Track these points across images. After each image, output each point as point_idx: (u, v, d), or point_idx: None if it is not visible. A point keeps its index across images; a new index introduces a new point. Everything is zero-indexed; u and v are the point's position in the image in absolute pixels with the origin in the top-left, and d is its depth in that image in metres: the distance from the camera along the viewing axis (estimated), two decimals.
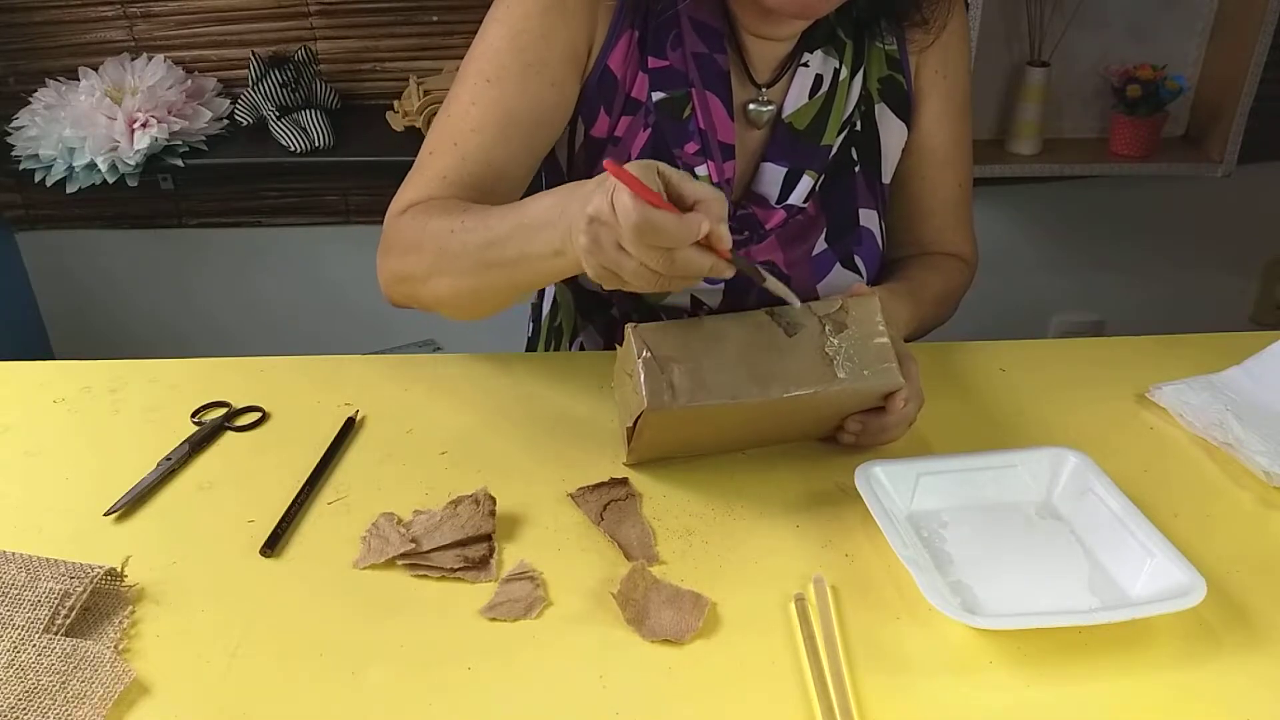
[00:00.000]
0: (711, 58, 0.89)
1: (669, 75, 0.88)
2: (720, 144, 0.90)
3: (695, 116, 0.89)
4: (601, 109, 0.90)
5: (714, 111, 0.89)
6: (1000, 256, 2.05)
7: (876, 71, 0.95)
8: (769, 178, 0.92)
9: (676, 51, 0.88)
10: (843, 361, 0.73)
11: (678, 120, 0.89)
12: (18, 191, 1.95)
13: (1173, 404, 0.84)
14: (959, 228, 1.04)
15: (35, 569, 0.66)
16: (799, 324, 0.74)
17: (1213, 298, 2.14)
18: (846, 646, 0.62)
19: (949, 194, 1.02)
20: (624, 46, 0.88)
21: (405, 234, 0.85)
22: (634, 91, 0.90)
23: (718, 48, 0.89)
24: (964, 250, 1.04)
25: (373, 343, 1.97)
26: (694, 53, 0.88)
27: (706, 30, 0.88)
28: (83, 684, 0.59)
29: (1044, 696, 0.59)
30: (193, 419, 0.86)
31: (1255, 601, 0.65)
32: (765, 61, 0.92)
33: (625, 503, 0.74)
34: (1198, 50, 1.82)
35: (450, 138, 0.87)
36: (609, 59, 0.88)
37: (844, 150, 0.94)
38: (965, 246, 1.04)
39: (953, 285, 1.02)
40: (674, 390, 0.70)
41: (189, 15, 1.79)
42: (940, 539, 0.70)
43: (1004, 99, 1.85)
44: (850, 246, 0.96)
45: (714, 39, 0.89)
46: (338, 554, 0.71)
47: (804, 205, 0.93)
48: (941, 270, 1.01)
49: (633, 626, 0.64)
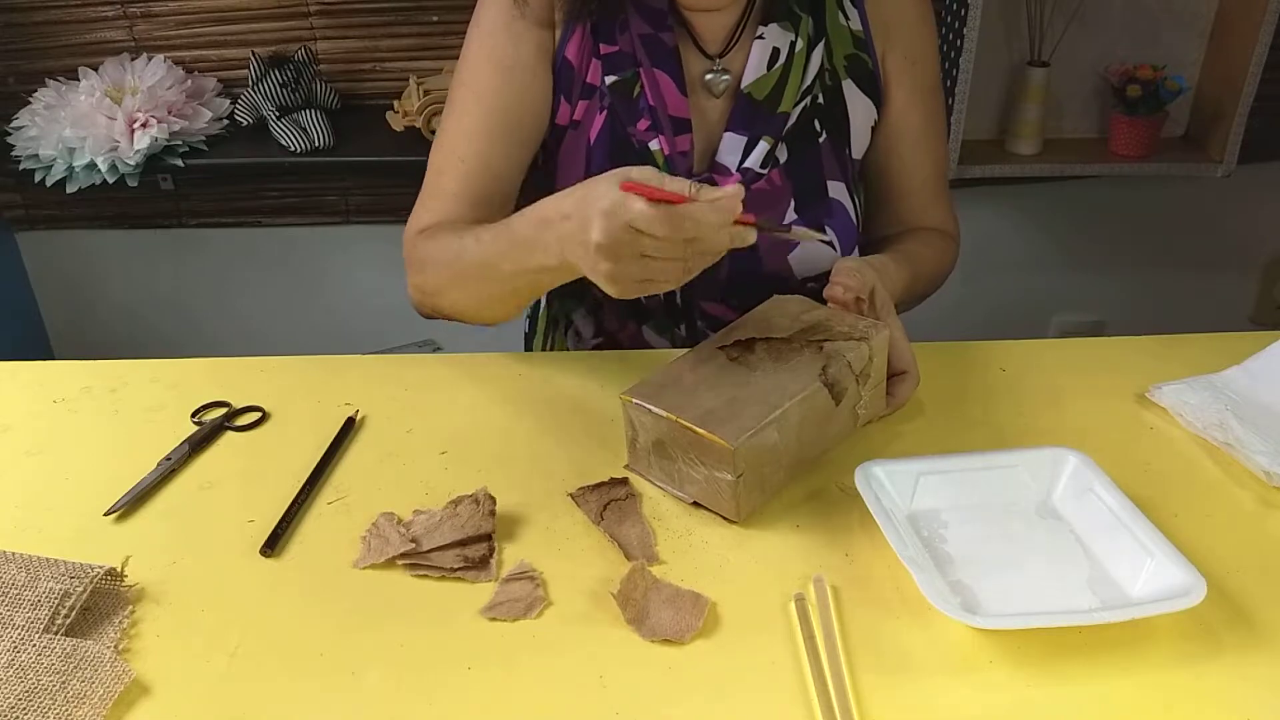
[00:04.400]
0: (658, 37, 0.94)
1: (619, 59, 0.94)
2: (671, 118, 0.94)
3: (645, 94, 0.94)
4: (562, 97, 0.96)
5: (663, 87, 0.94)
6: (1000, 256, 2.05)
7: (841, 48, 0.98)
8: (730, 147, 0.96)
9: (625, 35, 0.94)
10: (861, 410, 0.80)
11: (629, 100, 0.94)
12: (18, 191, 1.95)
13: (1173, 404, 0.84)
14: (939, 204, 1.07)
15: (35, 569, 0.66)
16: (844, 387, 0.77)
17: (1213, 298, 2.14)
18: (846, 646, 0.62)
19: (926, 173, 1.05)
20: (578, 37, 0.95)
21: (421, 253, 0.93)
22: (589, 78, 0.96)
23: (663, 26, 0.94)
24: (947, 225, 1.07)
25: (373, 343, 1.97)
26: (640, 34, 0.94)
27: (650, 11, 0.94)
28: (83, 684, 0.59)
29: (1044, 696, 0.59)
30: (193, 419, 0.86)
31: (1255, 601, 0.65)
32: (714, 32, 0.96)
33: (625, 502, 0.74)
34: (1198, 50, 1.82)
35: (453, 154, 0.95)
36: (566, 50, 0.95)
37: (805, 121, 0.97)
38: (948, 222, 1.07)
39: (942, 259, 1.05)
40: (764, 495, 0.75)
41: (189, 15, 1.79)
42: (940, 539, 0.70)
43: (1004, 99, 1.85)
44: (821, 218, 0.98)
45: (658, 18, 0.94)
46: (338, 554, 0.71)
47: (762, 171, 0.96)
48: (932, 244, 1.04)
49: (633, 626, 0.64)
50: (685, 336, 1.02)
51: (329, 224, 1.99)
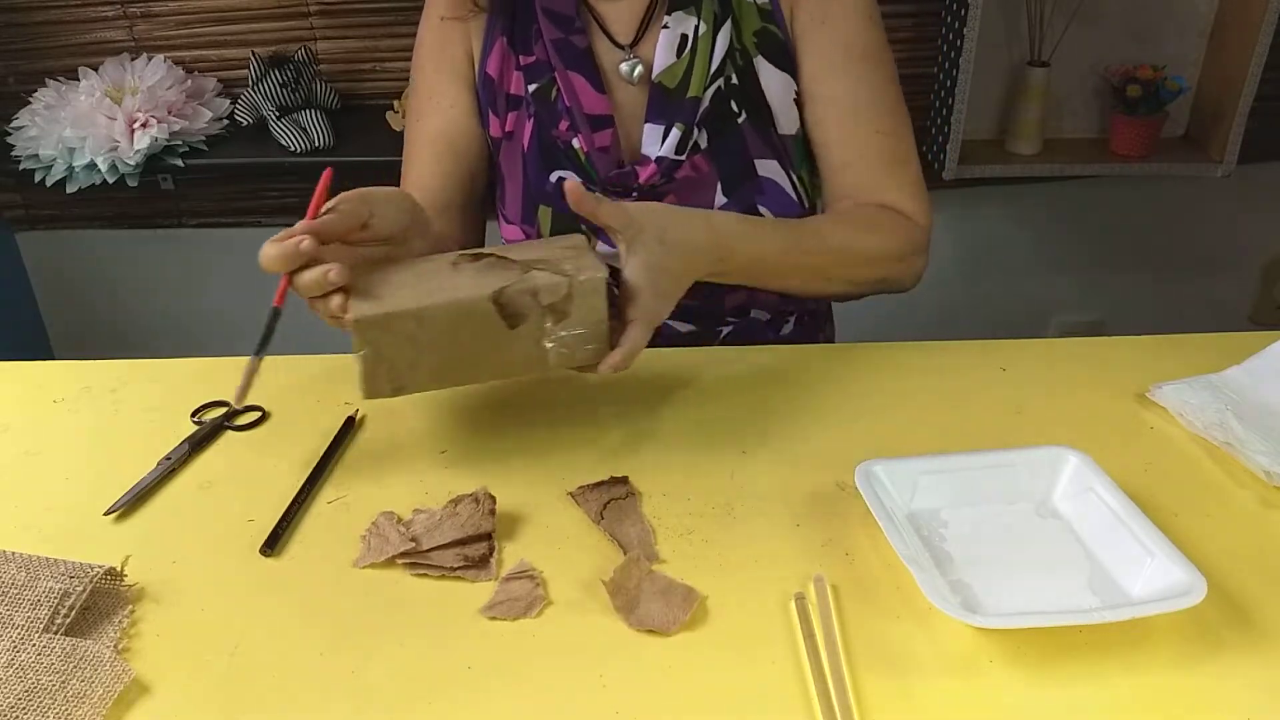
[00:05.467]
0: (567, 40, 0.97)
1: (536, 68, 0.98)
2: (588, 116, 0.97)
3: (561, 97, 0.97)
4: (490, 112, 1.01)
5: (578, 87, 0.97)
6: (1000, 256, 2.05)
7: (750, 25, 0.98)
8: (650, 137, 0.97)
9: (539, 44, 0.98)
10: (557, 349, 0.77)
11: (549, 104, 0.98)
12: (18, 191, 1.95)
13: (1173, 404, 0.84)
14: (890, 179, 0.99)
15: (35, 569, 0.66)
16: (521, 314, 0.75)
17: (1213, 298, 2.14)
18: (846, 645, 0.62)
19: (865, 145, 0.98)
20: (498, 53, 1.00)
21: None
22: (513, 89, 1.00)
23: (571, 29, 0.97)
24: (901, 203, 0.99)
25: None
26: (551, 40, 0.97)
27: (557, 17, 0.97)
28: (82, 683, 0.59)
29: (1044, 696, 0.59)
30: (193, 418, 0.86)
31: (1255, 601, 0.65)
32: (623, 23, 0.98)
33: (625, 501, 0.74)
34: (1198, 50, 1.82)
35: (404, 176, 1.03)
36: (487, 67, 1.00)
37: (721, 104, 0.97)
38: (903, 200, 0.99)
39: (884, 239, 0.97)
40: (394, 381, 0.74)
41: (189, 15, 1.79)
42: (940, 538, 0.70)
43: (1004, 99, 1.85)
44: (752, 197, 0.99)
45: (565, 23, 0.97)
46: (338, 553, 0.71)
47: (679, 158, 0.96)
48: (860, 221, 0.97)
49: (620, 614, 0.64)
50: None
51: None
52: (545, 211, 1.01)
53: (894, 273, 0.98)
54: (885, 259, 0.97)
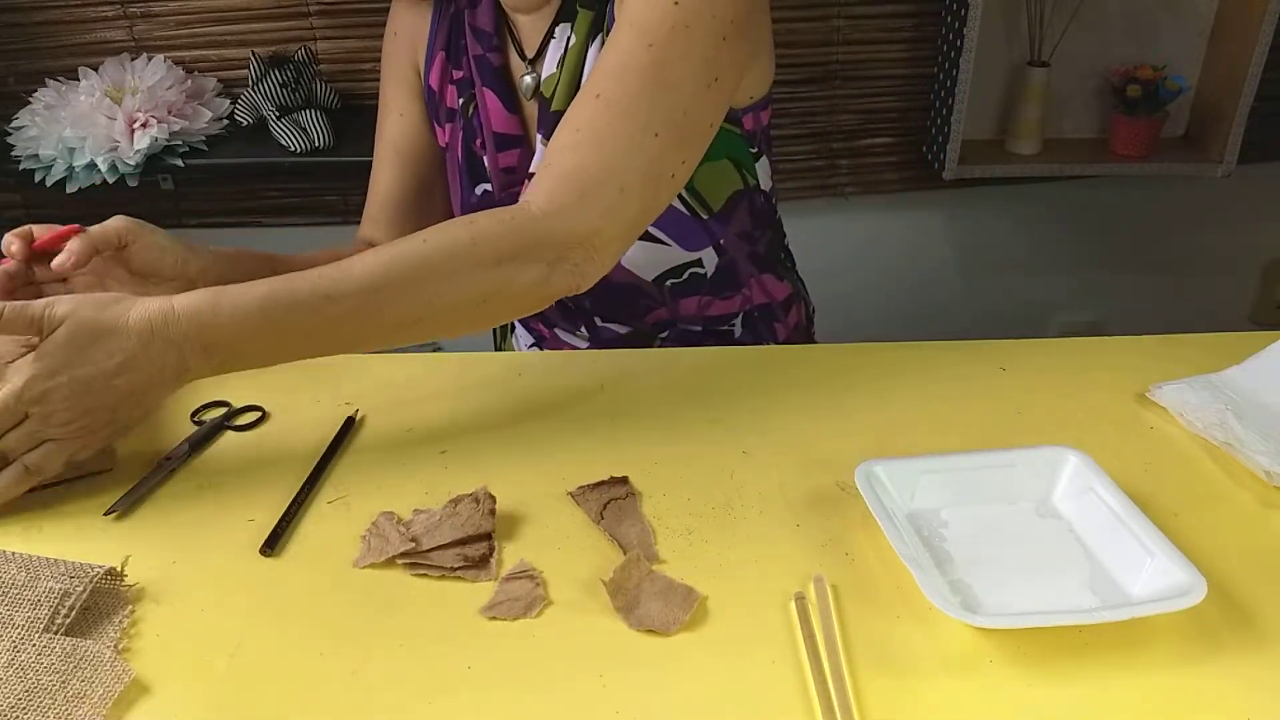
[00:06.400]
0: (485, 57, 0.97)
1: (464, 83, 0.99)
2: (495, 134, 0.97)
3: (478, 113, 0.98)
4: (434, 122, 1.05)
5: (489, 105, 0.97)
6: (1000, 256, 2.05)
7: None
8: (539, 156, 0.96)
9: (465, 58, 0.99)
10: None
11: (469, 120, 0.99)
12: (18, 191, 1.94)
13: (1173, 404, 0.84)
14: (541, 175, 0.81)
15: (35, 568, 0.66)
16: None
17: (1213, 298, 2.14)
18: (846, 645, 0.62)
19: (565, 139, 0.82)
20: (438, 65, 1.01)
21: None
22: (449, 102, 1.02)
23: (489, 46, 0.97)
24: (532, 196, 0.80)
25: None
26: (474, 55, 0.98)
27: (480, 34, 0.97)
28: (82, 683, 0.59)
29: (1044, 696, 0.59)
30: (193, 418, 0.86)
31: (1255, 601, 0.65)
32: (530, 39, 0.97)
33: (625, 501, 0.74)
34: (1198, 50, 1.82)
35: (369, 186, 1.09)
36: (429, 78, 1.03)
37: None
38: (536, 193, 0.80)
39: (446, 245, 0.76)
40: None
41: (189, 15, 1.79)
42: (940, 538, 0.70)
43: (1004, 99, 1.85)
44: None
45: (486, 39, 0.97)
46: (338, 553, 0.71)
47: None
48: (420, 237, 0.76)
49: (620, 614, 0.64)
50: (589, 336, 1.06)
51: (329, 224, 1.99)
52: None
53: (507, 280, 0.77)
54: (473, 266, 0.76)
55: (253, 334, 0.72)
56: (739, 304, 1.07)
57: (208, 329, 0.71)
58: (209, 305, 0.71)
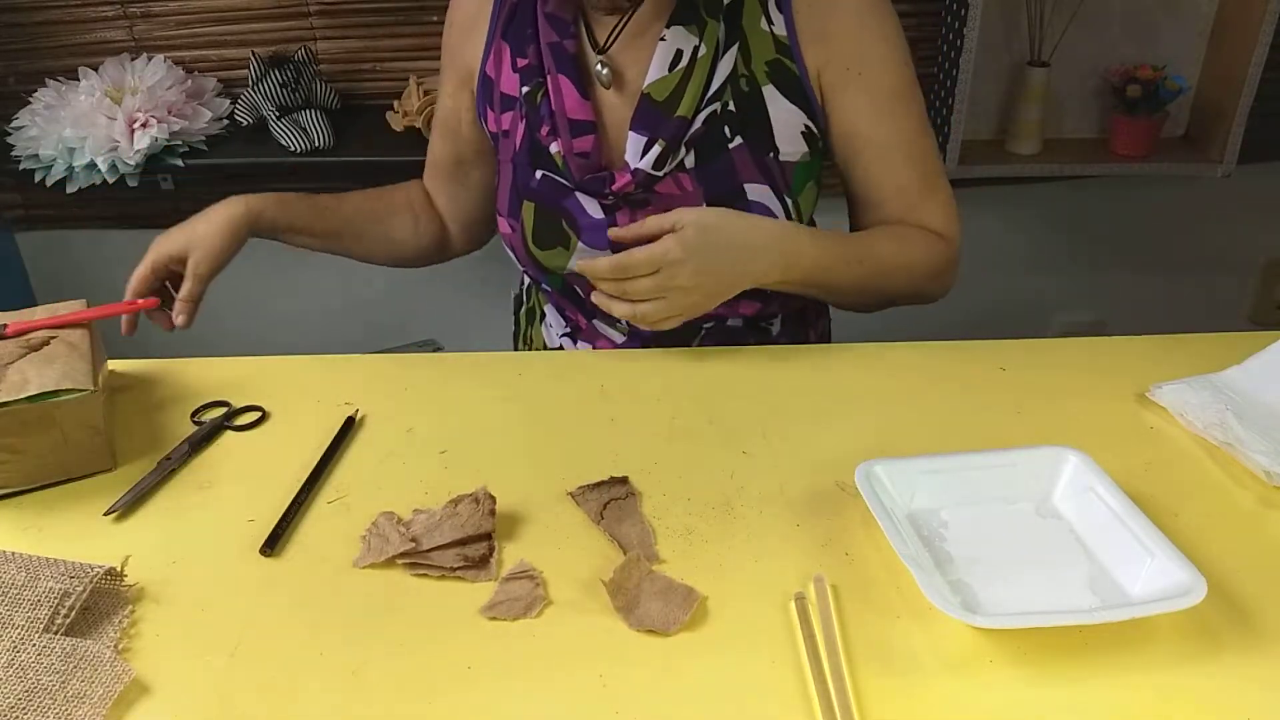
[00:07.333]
0: (561, 44, 0.99)
1: (530, 71, 1.01)
2: (570, 120, 0.99)
3: (548, 99, 1.00)
4: (488, 108, 1.07)
5: (564, 91, 0.99)
6: (1000, 256, 2.04)
7: (762, 54, 0.98)
8: (632, 146, 0.98)
9: (533, 47, 1.01)
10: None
11: (535, 108, 1.00)
12: (18, 191, 1.94)
13: (1173, 404, 0.84)
14: (925, 206, 1.03)
15: (35, 569, 0.66)
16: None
17: (1213, 298, 2.14)
18: (846, 646, 0.62)
19: (902, 180, 1.02)
20: (496, 53, 1.05)
21: None
22: (506, 89, 1.04)
23: (566, 34, 0.99)
24: (935, 224, 1.03)
25: (373, 343, 1.97)
26: (548, 43, 1.00)
27: (557, 21, 1.00)
28: (83, 683, 0.59)
29: (1044, 696, 0.59)
30: (193, 419, 0.86)
31: (1255, 601, 0.65)
32: (602, 30, 1.00)
33: (625, 501, 0.74)
34: (1198, 50, 1.82)
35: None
36: (486, 66, 1.06)
37: (713, 127, 0.97)
38: (937, 221, 1.04)
39: (924, 255, 1.01)
40: None
41: (189, 15, 1.79)
42: (940, 538, 0.70)
43: (1004, 99, 1.85)
44: None
45: (562, 26, 0.99)
46: (338, 553, 0.71)
47: (656, 173, 0.97)
48: (901, 238, 1.02)
49: (620, 614, 0.64)
50: (627, 329, 1.07)
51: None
52: (529, 207, 1.03)
53: (928, 287, 1.03)
54: (923, 275, 1.02)
55: (825, 269, 0.96)
56: (779, 304, 1.08)
57: (804, 255, 0.95)
58: (808, 240, 0.95)
